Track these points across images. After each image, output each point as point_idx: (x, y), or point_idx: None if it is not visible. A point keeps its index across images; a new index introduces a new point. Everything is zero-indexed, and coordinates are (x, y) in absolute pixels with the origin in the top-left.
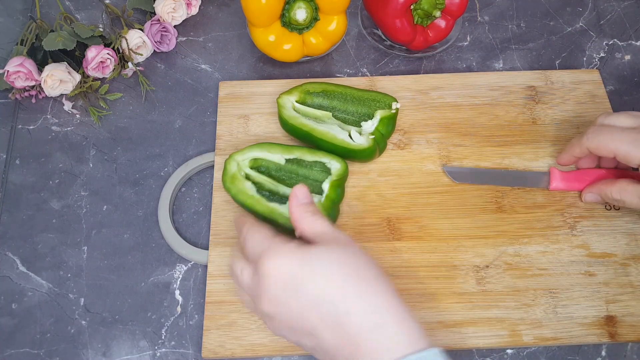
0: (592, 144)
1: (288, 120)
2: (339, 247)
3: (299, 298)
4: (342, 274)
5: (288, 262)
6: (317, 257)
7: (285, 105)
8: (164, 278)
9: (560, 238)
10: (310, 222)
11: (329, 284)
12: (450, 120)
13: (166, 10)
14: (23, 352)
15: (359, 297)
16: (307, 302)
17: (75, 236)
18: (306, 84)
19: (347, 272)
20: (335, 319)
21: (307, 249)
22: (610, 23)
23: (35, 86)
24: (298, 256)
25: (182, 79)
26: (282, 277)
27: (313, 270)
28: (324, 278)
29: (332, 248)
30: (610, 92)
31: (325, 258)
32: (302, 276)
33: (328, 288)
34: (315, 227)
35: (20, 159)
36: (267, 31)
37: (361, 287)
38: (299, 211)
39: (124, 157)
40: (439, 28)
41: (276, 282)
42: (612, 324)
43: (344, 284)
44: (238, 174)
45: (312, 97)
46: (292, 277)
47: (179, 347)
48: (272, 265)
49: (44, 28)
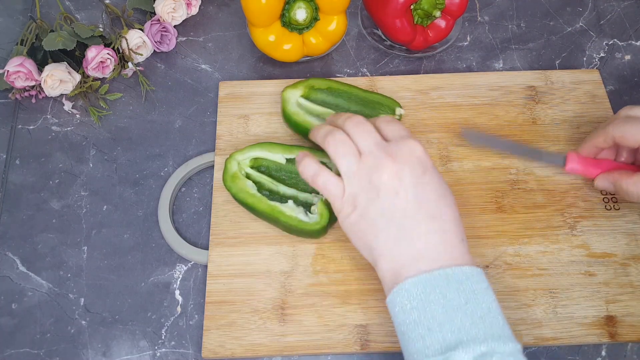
0: (619, 132)
1: (291, 116)
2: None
3: (426, 181)
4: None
5: (425, 153)
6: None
7: (290, 100)
8: (164, 278)
9: (560, 238)
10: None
11: (445, 192)
12: (450, 120)
13: (166, 10)
14: (23, 352)
15: (451, 213)
16: (429, 192)
17: (75, 236)
18: (312, 79)
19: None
20: (433, 218)
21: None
22: (610, 23)
23: (35, 86)
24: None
25: (182, 79)
26: (423, 160)
27: (439, 178)
28: (445, 187)
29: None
30: (610, 92)
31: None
32: (437, 175)
33: (442, 194)
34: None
35: (20, 159)
36: (267, 31)
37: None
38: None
39: (124, 157)
40: (439, 28)
41: (418, 158)
42: (612, 324)
43: (448, 200)
44: (239, 173)
45: (316, 92)
46: (430, 167)
47: (179, 347)
48: (421, 148)
49: (44, 28)
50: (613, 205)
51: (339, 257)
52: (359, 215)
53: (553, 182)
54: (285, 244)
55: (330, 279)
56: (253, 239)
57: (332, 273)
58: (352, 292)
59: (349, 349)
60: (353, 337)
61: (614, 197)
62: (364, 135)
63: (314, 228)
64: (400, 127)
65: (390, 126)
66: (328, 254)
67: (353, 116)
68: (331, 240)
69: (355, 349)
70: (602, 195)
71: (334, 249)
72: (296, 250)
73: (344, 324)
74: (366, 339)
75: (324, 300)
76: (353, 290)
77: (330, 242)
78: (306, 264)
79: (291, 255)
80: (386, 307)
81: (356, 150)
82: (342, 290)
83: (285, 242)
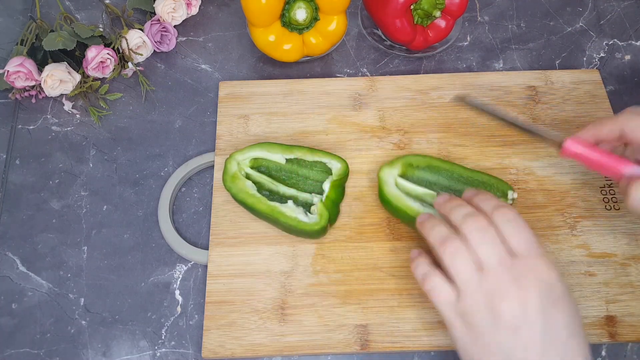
0: (630, 124)
1: (391, 201)
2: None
3: (557, 315)
4: (579, 331)
5: (557, 277)
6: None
7: (387, 181)
8: (164, 278)
9: (560, 238)
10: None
11: (577, 322)
12: (450, 120)
13: (166, 10)
14: (23, 352)
15: (584, 346)
16: (558, 321)
17: (75, 236)
18: (410, 156)
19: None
20: (564, 350)
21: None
22: (610, 23)
23: (35, 86)
24: (563, 282)
25: (182, 79)
26: (555, 286)
27: (569, 301)
28: (574, 312)
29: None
30: (610, 92)
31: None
32: (565, 300)
33: (574, 332)
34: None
35: (20, 159)
36: (267, 31)
37: (582, 332)
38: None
39: (124, 157)
40: (439, 28)
41: (549, 285)
42: (612, 324)
43: (579, 340)
44: (238, 173)
45: (414, 170)
46: (561, 294)
47: (179, 347)
48: (553, 271)
49: (44, 28)
50: (613, 205)
51: (338, 257)
52: (474, 338)
53: (553, 182)
54: (285, 244)
55: (330, 279)
56: (253, 239)
57: (332, 273)
58: (352, 292)
59: (349, 349)
60: (353, 337)
61: (614, 197)
62: (486, 247)
63: (314, 228)
64: (528, 235)
65: (516, 232)
66: (328, 254)
67: (471, 214)
68: (331, 240)
69: (355, 349)
70: (602, 195)
71: (334, 249)
72: (296, 250)
73: (344, 324)
74: (366, 339)
75: (323, 300)
76: (353, 290)
77: (330, 242)
78: (306, 264)
79: (291, 255)
80: (386, 307)
81: (475, 261)
82: (342, 290)
83: (285, 242)
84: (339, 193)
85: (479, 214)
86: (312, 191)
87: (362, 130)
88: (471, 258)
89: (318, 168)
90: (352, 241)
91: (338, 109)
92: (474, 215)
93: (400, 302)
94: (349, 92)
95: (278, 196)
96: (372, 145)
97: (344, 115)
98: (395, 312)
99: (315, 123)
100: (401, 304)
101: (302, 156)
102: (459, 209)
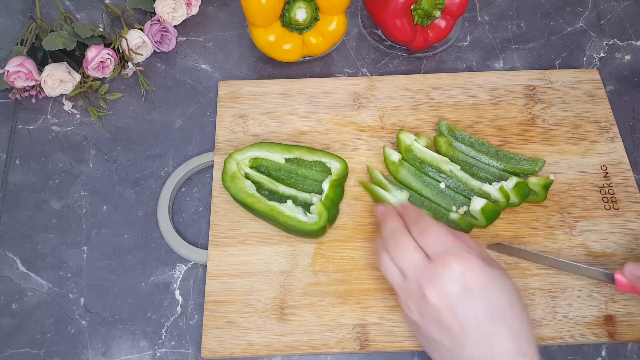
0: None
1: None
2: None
3: (470, 303)
4: (511, 305)
5: (476, 270)
6: (501, 280)
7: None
8: (164, 278)
9: (559, 237)
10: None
11: (502, 308)
12: (450, 120)
13: (166, 10)
14: (23, 352)
15: (514, 333)
16: (477, 310)
17: (75, 236)
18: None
19: (514, 303)
20: (487, 336)
21: (491, 268)
22: (610, 23)
23: (35, 86)
24: (487, 271)
25: (182, 79)
26: (466, 280)
27: (494, 289)
28: (501, 300)
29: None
30: (610, 92)
31: (506, 283)
32: (486, 288)
33: (501, 310)
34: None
35: (20, 159)
36: (267, 31)
37: (517, 321)
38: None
39: (124, 157)
40: (439, 28)
41: (456, 279)
42: (612, 324)
43: (510, 313)
44: (238, 173)
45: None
46: (477, 284)
47: (179, 347)
48: (461, 267)
49: (44, 28)
50: (612, 205)
51: (338, 256)
52: (418, 331)
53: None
54: (284, 243)
55: (330, 278)
56: (252, 238)
57: (331, 273)
58: (351, 292)
59: (348, 349)
60: (352, 337)
61: (613, 197)
62: (404, 258)
63: (313, 228)
64: (443, 239)
65: (426, 239)
66: (327, 254)
67: (393, 232)
68: (330, 240)
69: (355, 348)
70: (601, 195)
71: (333, 249)
72: (295, 250)
73: (343, 324)
74: (365, 339)
75: (323, 300)
76: (352, 290)
77: (330, 242)
78: (305, 264)
79: (290, 255)
80: (385, 307)
81: (400, 272)
82: (341, 290)
83: (285, 242)
84: (338, 193)
85: (403, 231)
86: (311, 191)
87: (361, 130)
88: (397, 270)
89: (317, 168)
90: (352, 241)
91: (337, 109)
92: (395, 233)
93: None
94: (348, 92)
95: (277, 196)
96: (371, 145)
97: (343, 115)
98: (395, 311)
99: (315, 123)
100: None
101: (302, 156)
102: (387, 227)
